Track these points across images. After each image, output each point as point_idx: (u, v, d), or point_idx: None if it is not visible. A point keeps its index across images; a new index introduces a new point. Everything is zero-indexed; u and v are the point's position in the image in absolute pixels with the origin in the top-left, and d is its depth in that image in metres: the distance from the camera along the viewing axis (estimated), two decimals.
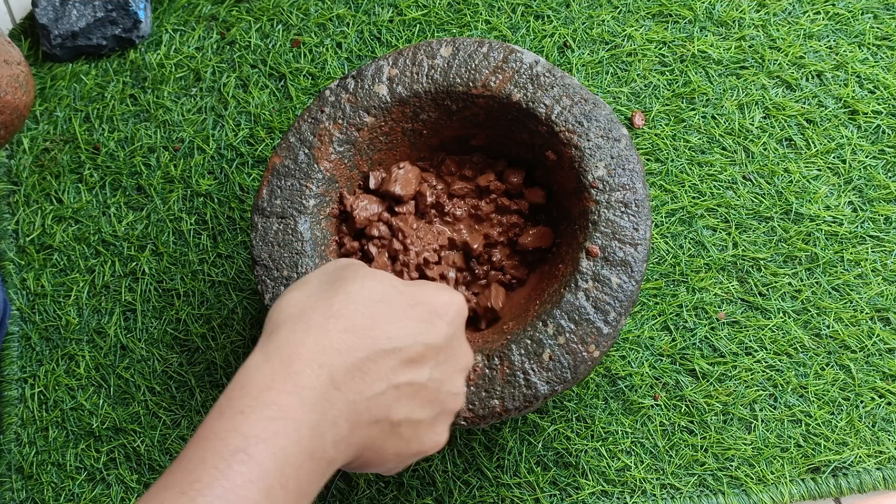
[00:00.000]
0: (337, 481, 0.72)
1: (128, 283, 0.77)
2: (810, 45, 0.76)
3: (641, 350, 0.72)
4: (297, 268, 0.60)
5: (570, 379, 0.56)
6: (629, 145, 0.59)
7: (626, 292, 0.57)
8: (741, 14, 0.77)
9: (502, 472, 0.71)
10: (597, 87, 0.77)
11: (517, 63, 0.61)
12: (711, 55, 0.77)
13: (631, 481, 0.70)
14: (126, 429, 0.75)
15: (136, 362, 0.76)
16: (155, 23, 0.83)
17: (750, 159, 0.74)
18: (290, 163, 0.62)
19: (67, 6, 0.81)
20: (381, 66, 0.63)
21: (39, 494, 0.74)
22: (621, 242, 0.58)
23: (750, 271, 0.72)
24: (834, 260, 0.72)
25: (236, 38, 0.81)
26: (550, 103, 0.60)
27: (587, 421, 0.71)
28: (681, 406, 0.71)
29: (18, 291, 0.78)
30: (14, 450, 0.75)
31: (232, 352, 0.75)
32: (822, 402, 0.70)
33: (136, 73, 0.82)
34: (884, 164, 0.74)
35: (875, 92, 0.75)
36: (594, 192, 0.59)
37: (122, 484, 0.74)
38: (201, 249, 0.77)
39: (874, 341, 0.71)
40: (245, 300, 0.76)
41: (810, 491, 0.69)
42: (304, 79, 0.80)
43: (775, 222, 0.73)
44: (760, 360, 0.71)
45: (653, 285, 0.73)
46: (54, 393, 0.76)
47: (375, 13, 0.80)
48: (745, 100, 0.75)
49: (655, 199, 0.74)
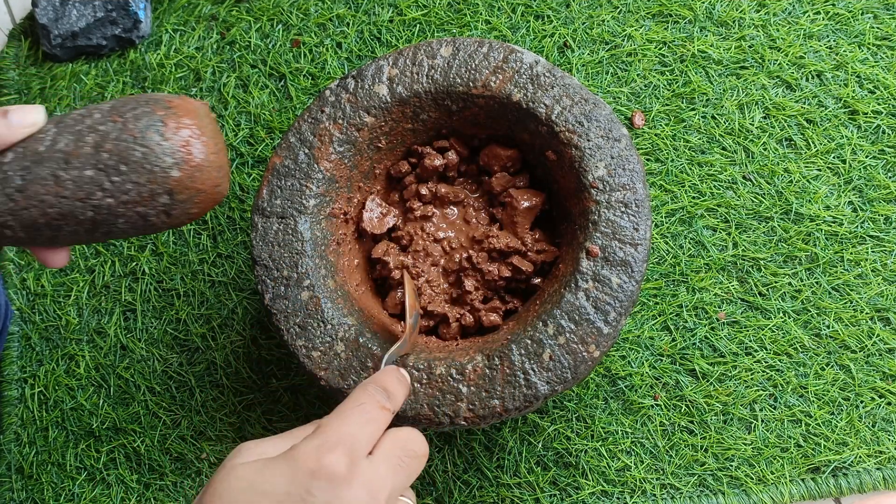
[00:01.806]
0: None
1: (128, 283, 0.77)
2: (810, 45, 0.76)
3: (641, 350, 0.72)
4: (296, 268, 0.60)
5: (570, 379, 0.56)
6: (629, 145, 0.59)
7: (627, 292, 0.57)
8: (741, 14, 0.77)
9: (502, 472, 0.71)
10: (597, 87, 0.77)
11: (517, 63, 0.61)
12: (711, 55, 0.77)
13: (631, 481, 0.70)
14: (126, 429, 0.75)
15: (136, 362, 0.76)
16: (155, 23, 0.83)
17: (750, 159, 0.74)
18: (291, 163, 0.62)
19: (67, 6, 0.81)
20: (381, 66, 0.63)
21: (39, 494, 0.74)
22: (621, 242, 0.58)
23: (750, 271, 0.72)
24: (834, 260, 0.72)
25: (236, 38, 0.81)
26: (550, 103, 0.60)
27: (587, 421, 0.71)
28: (681, 406, 0.71)
29: (18, 291, 0.78)
30: (14, 450, 0.75)
31: (232, 352, 0.75)
32: (822, 402, 0.70)
33: (136, 72, 0.82)
34: (884, 164, 0.74)
35: (875, 92, 0.75)
36: (594, 192, 0.59)
37: (122, 484, 0.74)
38: (201, 249, 0.77)
39: (874, 341, 0.71)
40: (245, 300, 0.76)
41: (810, 491, 0.69)
42: (304, 79, 0.80)
43: (775, 222, 0.73)
44: (760, 360, 0.71)
45: (653, 285, 0.73)
46: (54, 393, 0.76)
47: (375, 13, 0.80)
48: (745, 100, 0.75)
49: (655, 199, 0.74)
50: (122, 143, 0.51)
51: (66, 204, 0.51)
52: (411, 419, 0.57)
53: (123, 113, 0.51)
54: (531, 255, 0.64)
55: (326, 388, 0.58)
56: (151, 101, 0.52)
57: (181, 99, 0.53)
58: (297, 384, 0.74)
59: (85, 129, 0.51)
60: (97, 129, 0.51)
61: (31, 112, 0.50)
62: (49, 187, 0.51)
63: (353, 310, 0.60)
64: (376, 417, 0.45)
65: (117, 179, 0.51)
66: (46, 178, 0.51)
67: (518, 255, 0.64)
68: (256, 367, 0.75)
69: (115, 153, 0.51)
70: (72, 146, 0.51)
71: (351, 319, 0.59)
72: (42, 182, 0.50)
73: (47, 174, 0.51)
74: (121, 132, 0.51)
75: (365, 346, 0.58)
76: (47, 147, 0.51)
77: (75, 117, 0.51)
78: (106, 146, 0.51)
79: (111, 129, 0.51)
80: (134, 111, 0.51)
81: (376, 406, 0.45)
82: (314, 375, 0.58)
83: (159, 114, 0.51)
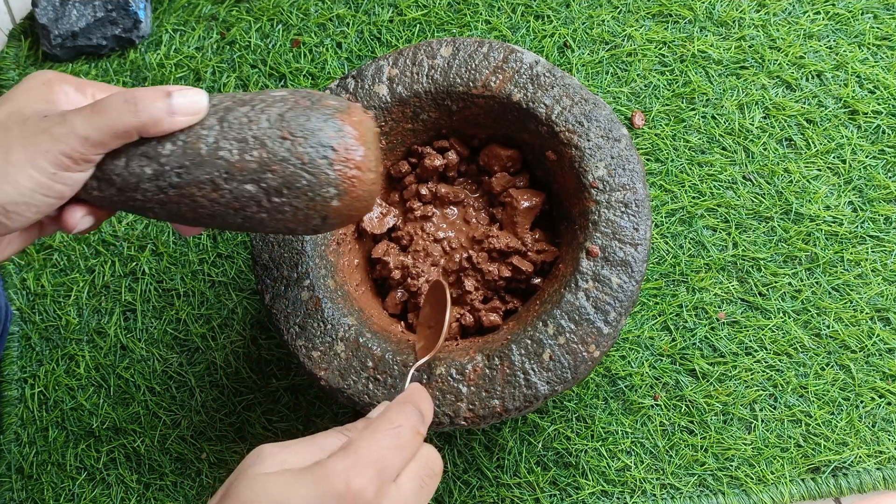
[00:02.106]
0: None
1: (128, 283, 0.77)
2: (810, 45, 0.76)
3: (641, 350, 0.72)
4: (297, 268, 0.60)
5: (570, 379, 0.56)
6: (629, 145, 0.59)
7: (627, 292, 0.57)
8: (741, 14, 0.77)
9: (502, 472, 0.71)
10: (597, 87, 0.77)
11: (517, 63, 0.61)
12: (711, 55, 0.77)
13: (631, 481, 0.70)
14: (126, 429, 0.75)
15: (136, 362, 0.76)
16: (155, 23, 0.83)
17: (750, 159, 0.74)
18: None
19: (67, 6, 0.81)
20: (381, 66, 0.63)
21: (39, 494, 0.74)
22: (621, 242, 0.58)
23: (750, 271, 0.72)
24: (834, 260, 0.72)
25: (236, 38, 0.81)
26: (550, 103, 0.60)
27: (587, 421, 0.71)
28: (681, 406, 0.71)
29: (18, 291, 0.78)
30: (14, 450, 0.75)
31: (232, 352, 0.75)
32: (822, 402, 0.70)
33: (136, 72, 0.82)
34: (884, 164, 0.74)
35: (875, 92, 0.75)
36: (594, 192, 0.59)
37: (122, 484, 0.74)
38: (201, 249, 0.77)
39: (874, 341, 0.71)
40: (245, 300, 0.76)
41: (810, 491, 0.69)
42: (304, 79, 0.80)
43: (775, 222, 0.73)
44: (760, 360, 0.71)
45: (653, 285, 0.73)
46: (54, 393, 0.76)
47: (375, 13, 0.80)
48: (745, 100, 0.75)
49: (655, 199, 0.74)
50: (289, 166, 0.48)
51: (219, 210, 0.49)
52: None
53: (293, 130, 0.48)
54: (531, 255, 0.64)
55: (326, 388, 0.58)
56: (323, 113, 0.49)
57: (352, 115, 0.49)
58: (297, 384, 0.74)
59: (251, 140, 0.48)
60: (264, 142, 0.48)
61: (195, 99, 0.47)
62: (205, 192, 0.48)
63: (353, 310, 0.60)
64: (410, 443, 0.43)
65: (277, 201, 0.49)
66: (204, 183, 0.48)
67: (518, 255, 0.64)
68: (256, 367, 0.75)
69: (280, 175, 0.48)
70: (236, 156, 0.48)
71: (351, 319, 0.59)
72: (199, 185, 0.48)
73: (206, 179, 0.48)
74: (289, 153, 0.48)
75: (365, 346, 0.58)
76: (209, 150, 0.48)
77: (241, 119, 0.48)
78: (272, 166, 0.48)
79: (279, 148, 0.48)
80: (304, 128, 0.48)
81: (412, 431, 0.43)
82: (314, 375, 0.58)
83: (330, 138, 0.48)
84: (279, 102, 0.49)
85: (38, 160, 0.44)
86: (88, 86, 0.48)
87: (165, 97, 0.46)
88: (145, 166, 0.47)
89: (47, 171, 0.44)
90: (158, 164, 0.48)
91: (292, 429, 0.73)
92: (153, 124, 0.46)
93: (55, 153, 0.44)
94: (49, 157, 0.44)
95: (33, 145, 0.44)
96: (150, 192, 0.48)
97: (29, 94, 0.47)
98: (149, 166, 0.47)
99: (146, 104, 0.46)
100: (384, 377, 0.57)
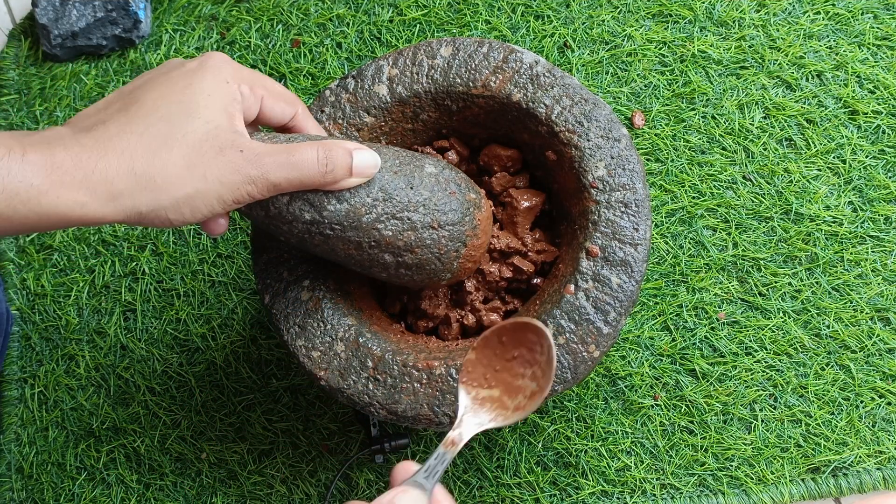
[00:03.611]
0: (337, 481, 0.72)
1: (128, 283, 0.77)
2: (810, 45, 0.76)
3: (641, 350, 0.72)
4: (297, 268, 0.60)
5: (570, 379, 0.56)
6: (629, 145, 0.59)
7: (626, 292, 0.57)
8: (741, 14, 0.77)
9: (502, 472, 0.71)
10: (597, 87, 0.77)
11: (517, 63, 0.61)
12: (711, 55, 0.77)
13: (631, 481, 0.70)
14: (126, 429, 0.75)
15: (136, 362, 0.76)
16: (155, 23, 0.83)
17: (750, 159, 0.74)
18: None
19: (67, 6, 0.81)
20: (381, 66, 0.63)
21: (39, 494, 0.74)
22: (621, 242, 0.58)
23: (750, 271, 0.72)
24: (834, 260, 0.72)
25: (236, 38, 0.81)
26: (550, 103, 0.60)
27: (587, 421, 0.71)
28: (681, 406, 0.71)
29: (18, 291, 0.78)
30: (14, 450, 0.75)
31: (232, 352, 0.75)
32: (822, 402, 0.70)
33: (136, 73, 0.82)
34: (884, 164, 0.74)
35: (875, 92, 0.75)
36: (594, 192, 0.59)
37: (122, 484, 0.74)
38: (201, 249, 0.77)
39: (874, 341, 0.71)
40: (245, 300, 0.76)
41: (810, 491, 0.69)
42: (304, 79, 0.80)
43: (775, 222, 0.73)
44: (760, 360, 0.71)
45: (653, 285, 0.73)
46: (54, 393, 0.76)
47: (375, 13, 0.80)
48: (745, 100, 0.75)
49: (655, 199, 0.74)
50: (428, 252, 0.54)
51: (347, 262, 0.54)
52: (411, 419, 0.57)
53: (441, 221, 0.54)
54: (531, 256, 0.64)
55: (326, 388, 0.58)
56: (465, 207, 0.55)
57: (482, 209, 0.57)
58: (297, 384, 0.74)
59: (406, 222, 0.53)
60: (416, 227, 0.53)
61: (371, 163, 0.50)
62: (348, 248, 0.52)
63: (353, 310, 0.60)
64: None
65: (404, 273, 0.55)
66: (350, 241, 0.52)
67: (518, 256, 0.64)
68: (256, 367, 0.75)
69: (418, 258, 0.54)
70: (389, 236, 0.52)
71: (351, 319, 0.59)
72: (345, 242, 0.52)
73: (355, 241, 0.52)
74: (433, 242, 0.54)
75: (365, 346, 0.58)
76: (369, 222, 0.52)
77: (402, 198, 0.53)
78: (414, 249, 0.54)
79: (425, 236, 0.54)
80: (449, 222, 0.54)
81: None
82: (314, 375, 0.58)
83: (467, 236, 0.55)
84: (430, 179, 0.54)
85: (225, 195, 0.47)
86: (257, 86, 0.51)
87: (349, 157, 0.49)
88: (306, 212, 0.50)
89: (227, 203, 0.47)
90: (319, 214, 0.50)
91: (292, 429, 0.73)
92: (333, 184, 0.49)
93: (243, 192, 0.47)
94: (235, 195, 0.47)
95: (227, 183, 0.47)
96: (298, 230, 0.51)
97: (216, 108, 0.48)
98: (309, 213, 0.50)
99: (336, 166, 0.49)
100: (384, 377, 0.57)
